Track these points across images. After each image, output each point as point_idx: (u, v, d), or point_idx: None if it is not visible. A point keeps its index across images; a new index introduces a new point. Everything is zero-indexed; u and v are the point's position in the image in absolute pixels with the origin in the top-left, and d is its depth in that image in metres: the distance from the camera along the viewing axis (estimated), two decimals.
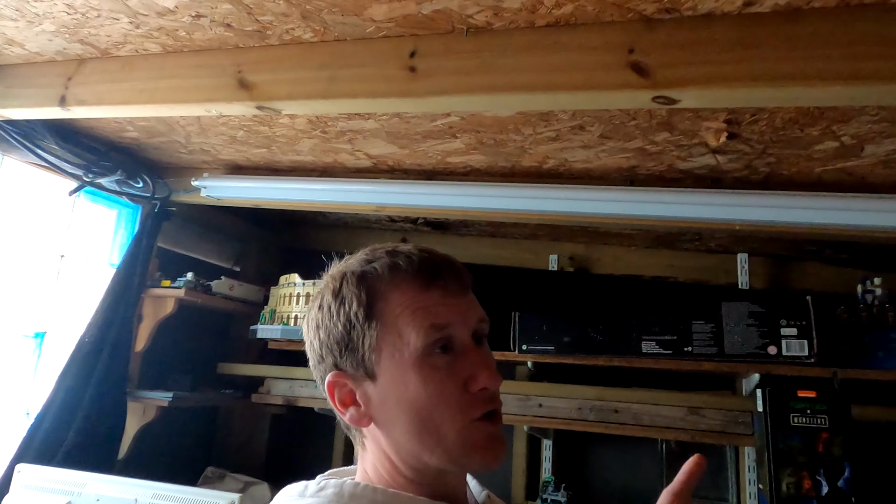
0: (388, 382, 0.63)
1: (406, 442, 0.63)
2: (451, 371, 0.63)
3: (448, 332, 0.64)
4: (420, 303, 0.63)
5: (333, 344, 0.65)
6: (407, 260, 0.65)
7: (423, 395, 0.62)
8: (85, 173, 1.89)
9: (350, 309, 0.64)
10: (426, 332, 0.62)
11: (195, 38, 1.29)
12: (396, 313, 0.63)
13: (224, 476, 2.23)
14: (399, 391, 0.63)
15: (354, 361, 0.64)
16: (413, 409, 0.62)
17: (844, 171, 1.47)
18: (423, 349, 0.62)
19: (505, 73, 1.07)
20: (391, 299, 0.64)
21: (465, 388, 0.62)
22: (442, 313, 0.64)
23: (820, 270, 2.16)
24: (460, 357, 0.64)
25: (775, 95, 0.95)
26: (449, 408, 0.62)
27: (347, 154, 1.84)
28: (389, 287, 0.64)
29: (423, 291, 0.64)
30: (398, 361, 0.63)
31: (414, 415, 0.62)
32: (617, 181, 1.74)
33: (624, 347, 1.76)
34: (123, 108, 1.42)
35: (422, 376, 0.62)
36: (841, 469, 1.38)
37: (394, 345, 0.63)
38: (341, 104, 1.22)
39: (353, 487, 0.63)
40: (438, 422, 0.61)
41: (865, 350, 1.72)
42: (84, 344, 1.94)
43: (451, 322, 0.64)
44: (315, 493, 0.64)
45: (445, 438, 0.62)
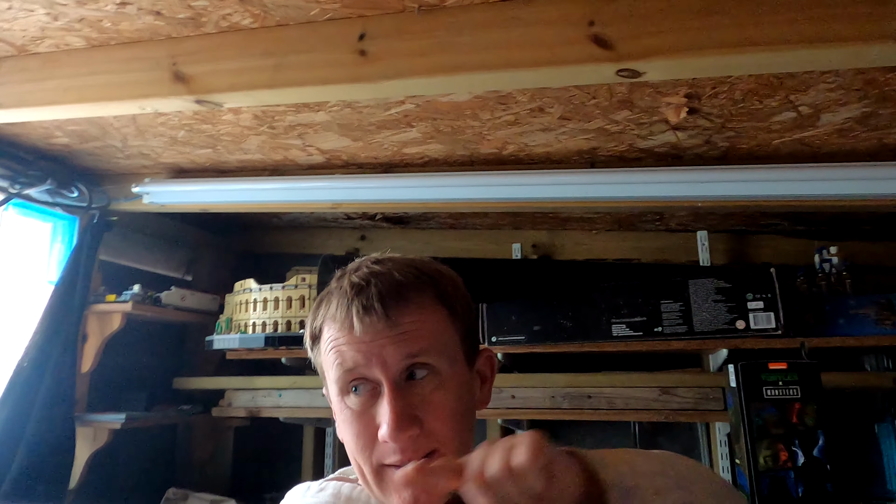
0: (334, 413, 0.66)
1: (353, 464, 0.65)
2: (364, 414, 0.60)
3: (359, 374, 0.60)
4: (334, 342, 0.62)
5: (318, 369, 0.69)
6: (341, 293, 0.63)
7: (342, 433, 0.63)
8: (11, 184, 1.75)
9: (307, 341, 0.68)
10: (337, 371, 0.62)
11: (122, 28, 1.19)
12: (325, 349, 0.64)
13: (187, 496, 2.12)
14: (337, 424, 0.65)
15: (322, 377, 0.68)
16: (344, 442, 0.63)
17: (801, 141, 1.48)
18: (338, 389, 0.62)
19: (462, 53, 1.02)
20: (324, 334, 0.65)
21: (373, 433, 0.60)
22: (348, 355, 0.61)
23: (778, 242, 2.20)
24: (379, 398, 0.60)
25: (742, 62, 0.93)
26: (362, 451, 0.60)
27: (298, 150, 1.75)
28: (324, 322, 0.65)
29: (342, 330, 0.62)
30: (331, 397, 0.65)
31: (346, 447, 0.63)
32: (577, 164, 1.71)
33: (595, 332, 1.73)
34: (49, 110, 1.30)
35: (340, 416, 0.63)
36: (815, 438, 1.39)
37: (325, 378, 0.66)
38: (289, 94, 1.14)
39: (350, 489, 0.66)
40: (358, 459, 0.61)
41: (827, 318, 1.75)
42: (23, 369, 1.80)
43: (359, 364, 0.60)
44: (315, 493, 0.67)
45: (365, 475, 0.62)
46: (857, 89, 1.19)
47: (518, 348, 1.84)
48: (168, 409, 2.16)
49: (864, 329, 1.70)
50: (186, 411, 2.19)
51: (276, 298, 2.03)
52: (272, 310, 2.02)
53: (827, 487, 1.36)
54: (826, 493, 1.35)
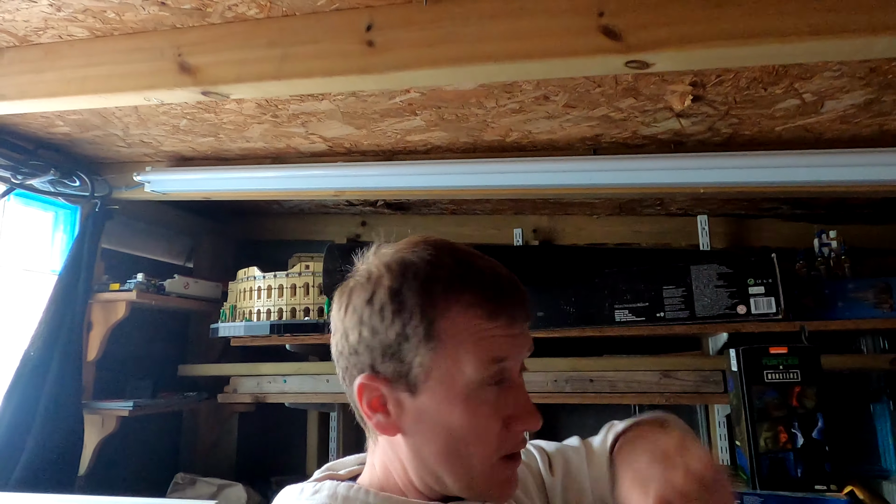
0: (430, 403, 0.59)
1: (433, 463, 0.61)
2: (496, 406, 0.60)
3: (504, 366, 0.60)
4: (484, 332, 0.59)
5: (377, 346, 0.60)
6: (478, 278, 0.60)
7: (464, 426, 0.59)
8: (13, 175, 1.74)
9: (409, 321, 0.59)
10: (485, 365, 0.59)
11: (126, 19, 1.18)
12: (459, 339, 0.59)
13: (195, 481, 2.15)
14: (441, 416, 0.59)
15: (397, 371, 0.60)
16: (451, 436, 0.59)
17: (804, 128, 1.49)
18: (477, 382, 0.59)
19: (470, 44, 1.01)
20: (455, 321, 0.59)
21: (504, 425, 0.60)
22: (503, 346, 0.60)
23: (777, 226, 2.21)
24: (506, 391, 0.60)
25: (750, 53, 0.93)
26: (485, 444, 0.59)
27: (301, 138, 1.75)
28: (455, 306, 0.59)
29: (490, 319, 0.59)
30: (448, 387, 0.59)
31: (450, 442, 0.59)
32: (581, 150, 1.71)
33: (598, 317, 1.75)
34: (52, 101, 1.29)
35: (468, 408, 0.59)
36: (814, 420, 1.42)
37: (447, 370, 0.59)
38: (296, 85, 1.14)
39: (346, 490, 0.62)
40: (470, 454, 0.59)
41: (826, 302, 1.77)
42: (30, 358, 1.81)
43: (509, 356, 0.60)
44: (310, 495, 0.62)
45: (473, 471, 0.60)
46: (861, 77, 1.20)
47: None
48: (174, 396, 2.18)
49: (862, 312, 1.73)
50: (192, 398, 2.21)
51: (281, 286, 2.04)
52: (277, 297, 2.03)
53: (825, 467, 1.39)
54: (824, 472, 1.39)
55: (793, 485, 1.39)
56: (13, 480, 1.68)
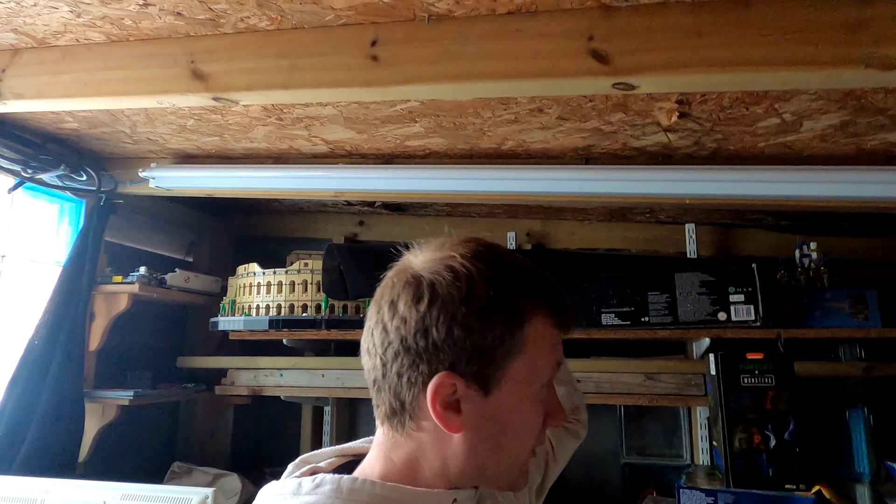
0: (502, 403, 0.62)
1: (484, 457, 0.63)
2: (545, 404, 0.66)
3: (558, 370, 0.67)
4: (554, 338, 0.65)
5: (469, 347, 0.60)
6: (548, 287, 0.65)
7: (526, 423, 0.64)
8: (23, 168, 1.79)
9: (508, 325, 0.61)
10: (552, 368, 0.65)
11: (143, 26, 1.24)
12: (539, 345, 0.63)
13: (191, 470, 2.21)
14: (511, 414, 0.62)
15: (479, 373, 0.61)
16: (513, 432, 0.63)
17: (785, 145, 1.56)
18: (541, 383, 0.64)
19: (468, 61, 1.08)
20: (537, 329, 0.62)
21: (543, 422, 0.66)
22: (561, 352, 0.67)
23: (761, 236, 2.29)
24: (548, 392, 0.67)
25: (728, 80, 1.00)
26: (532, 437, 0.65)
27: (304, 140, 1.81)
28: (537, 314, 0.63)
29: (557, 327, 0.65)
30: (523, 388, 0.62)
31: (510, 438, 0.63)
32: (573, 160, 1.78)
33: (585, 320, 1.82)
34: (68, 102, 1.35)
35: (533, 407, 0.64)
36: (786, 423, 1.49)
37: (526, 373, 0.62)
38: (303, 94, 1.20)
39: (351, 483, 0.61)
40: (521, 447, 0.65)
41: (804, 310, 1.85)
42: (34, 347, 1.87)
43: (563, 362, 0.67)
44: (311, 490, 0.61)
45: (515, 462, 0.65)
46: (837, 100, 1.27)
47: None
48: (173, 387, 2.24)
49: (838, 321, 1.81)
50: (191, 389, 2.27)
51: (280, 282, 2.10)
52: (276, 293, 2.09)
53: (795, 468, 1.47)
54: (794, 472, 1.46)
55: (765, 484, 1.46)
56: (16, 464, 1.74)
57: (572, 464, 2.50)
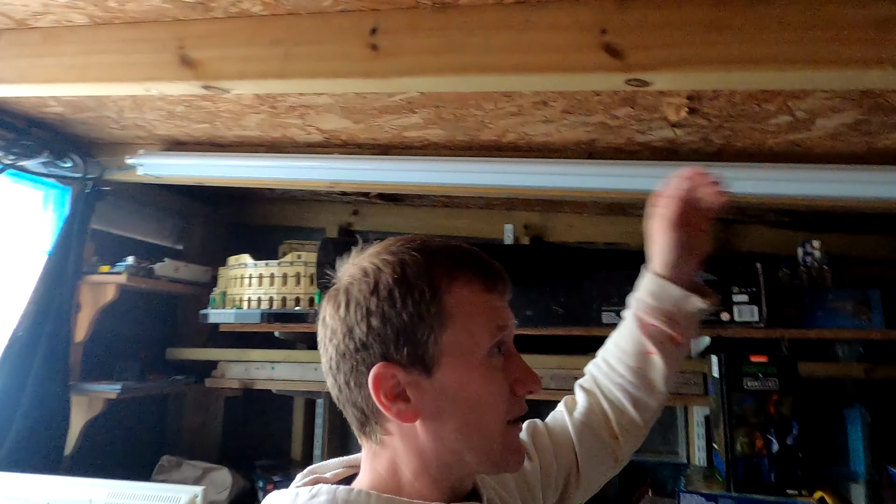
0: (448, 379, 0.62)
1: (454, 440, 0.62)
2: (504, 373, 0.64)
3: (505, 334, 0.64)
4: (487, 303, 0.64)
5: (390, 333, 0.61)
6: (469, 256, 0.65)
7: (483, 395, 0.62)
8: (5, 154, 1.72)
9: (421, 300, 0.61)
10: (494, 333, 0.63)
11: (128, 8, 1.17)
12: (467, 312, 0.62)
13: (181, 464, 2.17)
14: (460, 389, 0.62)
15: (412, 354, 0.61)
16: (470, 407, 0.62)
17: (794, 142, 1.52)
18: (488, 350, 0.63)
19: (474, 54, 1.02)
20: (459, 295, 0.62)
21: (510, 391, 0.64)
22: (504, 315, 0.65)
23: (762, 233, 2.26)
24: (508, 360, 0.65)
25: (746, 78, 0.96)
26: (498, 409, 0.63)
27: (298, 129, 1.75)
28: (456, 283, 0.63)
29: (487, 292, 0.64)
30: (465, 359, 0.62)
31: (469, 413, 0.62)
32: (575, 154, 1.73)
33: (585, 318, 1.79)
34: (51, 87, 1.28)
35: (484, 376, 0.62)
36: (790, 427, 1.47)
37: (461, 343, 0.62)
38: (299, 84, 1.14)
39: (346, 493, 0.62)
40: (488, 421, 0.63)
41: (806, 310, 1.82)
42: (18, 338, 1.81)
43: (508, 325, 0.65)
44: (307, 500, 0.61)
45: (490, 439, 0.63)
46: (854, 99, 1.23)
47: None
48: (161, 379, 2.19)
49: (841, 322, 1.78)
50: (180, 381, 2.22)
51: (272, 275, 2.05)
52: (268, 286, 2.04)
53: (797, 473, 1.45)
54: (796, 478, 1.44)
55: (766, 489, 1.44)
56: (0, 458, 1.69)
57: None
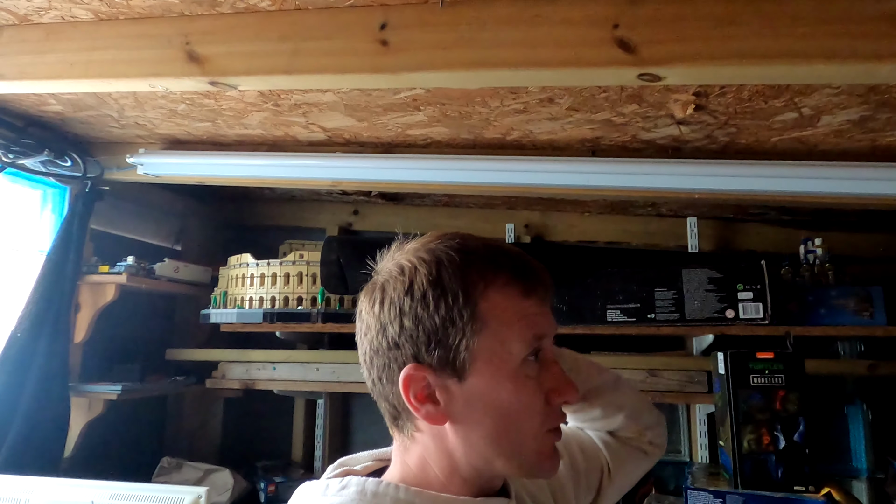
0: (478, 386, 0.61)
1: (483, 446, 0.62)
2: (539, 381, 0.62)
3: (542, 343, 0.63)
4: (524, 310, 0.62)
5: (421, 335, 0.60)
6: (508, 260, 0.63)
7: (514, 404, 0.61)
8: (4, 153, 1.70)
9: (454, 305, 0.60)
10: (529, 342, 0.62)
11: (133, 4, 1.16)
12: (501, 319, 0.61)
13: (181, 465, 2.15)
14: (491, 396, 0.61)
15: (443, 358, 0.61)
16: (500, 415, 0.61)
17: (798, 139, 1.52)
18: (522, 359, 0.61)
19: (485, 48, 1.02)
20: (495, 302, 0.61)
21: (546, 400, 0.62)
22: (541, 323, 0.63)
23: (764, 231, 2.26)
24: (544, 368, 0.63)
25: (759, 73, 0.95)
26: (532, 417, 0.62)
27: (300, 127, 1.74)
28: (492, 287, 0.61)
29: (525, 298, 0.62)
30: (497, 367, 0.61)
31: (500, 421, 0.61)
32: (579, 151, 1.73)
33: (590, 316, 1.78)
34: (53, 83, 1.27)
35: (517, 385, 0.61)
36: (796, 424, 1.47)
37: (493, 350, 0.61)
38: (307, 80, 1.13)
39: (375, 486, 0.62)
40: (521, 430, 0.61)
41: (809, 308, 1.82)
42: (16, 339, 1.79)
43: (546, 333, 0.63)
44: (337, 492, 0.62)
45: (523, 447, 0.62)
46: (860, 95, 1.23)
47: None
48: (162, 380, 2.17)
49: (843, 319, 1.78)
50: (180, 382, 2.21)
51: (274, 274, 2.03)
52: (269, 285, 2.02)
53: (804, 470, 1.45)
54: (804, 474, 1.44)
55: (773, 485, 1.44)
56: None
57: None
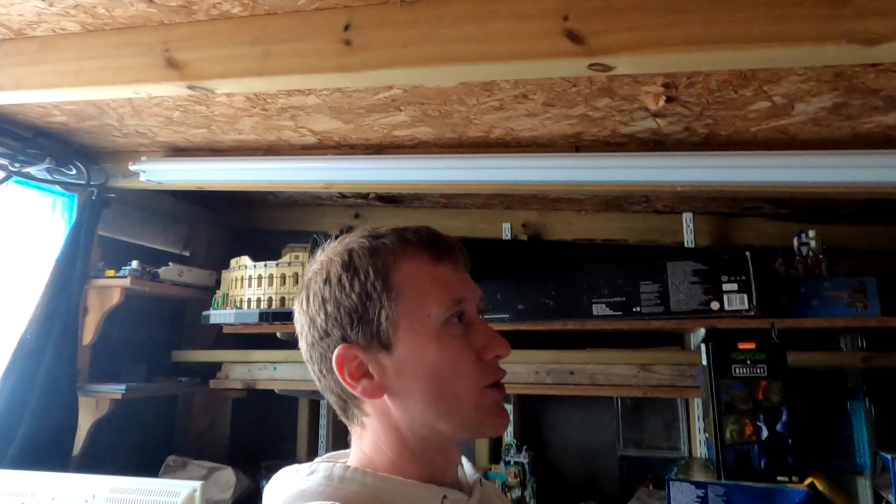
0: (405, 352, 0.64)
1: (421, 411, 0.64)
2: (466, 341, 0.65)
3: (464, 305, 0.66)
4: (437, 275, 0.66)
5: (344, 316, 0.65)
6: (415, 234, 0.68)
7: (442, 364, 0.63)
8: (10, 162, 1.79)
9: (366, 280, 0.64)
10: (447, 304, 0.65)
11: (116, 14, 1.22)
12: (415, 285, 0.65)
13: (187, 464, 2.21)
14: (418, 361, 0.64)
15: (368, 333, 0.64)
16: (431, 377, 0.63)
17: (777, 129, 1.52)
18: (444, 320, 0.64)
19: (443, 44, 1.05)
20: (407, 271, 0.65)
21: (477, 358, 0.65)
22: (457, 287, 0.66)
23: (761, 225, 2.25)
24: (471, 328, 0.66)
25: (707, 59, 0.97)
26: (465, 376, 0.64)
27: (291, 131, 1.79)
28: (403, 259, 0.66)
29: (437, 264, 0.66)
30: (418, 332, 0.64)
31: (432, 383, 0.63)
32: (563, 148, 1.75)
33: (576, 311, 1.80)
34: (45, 93, 1.34)
35: (441, 346, 0.64)
36: (779, 414, 1.46)
37: (413, 315, 0.64)
38: (277, 81, 1.18)
39: (342, 471, 0.64)
40: (455, 389, 0.64)
41: (801, 300, 1.81)
42: (26, 341, 1.87)
43: (465, 296, 0.66)
44: (306, 476, 0.65)
45: (461, 405, 0.64)
46: (827, 81, 1.23)
47: (503, 326, 1.90)
48: (167, 381, 2.24)
49: (836, 311, 1.76)
50: (185, 383, 2.27)
51: (271, 275, 2.09)
52: (266, 286, 2.08)
53: (788, 460, 1.44)
54: (787, 465, 1.43)
55: (756, 476, 1.43)
56: (8, 459, 1.74)
57: (569, 457, 2.47)
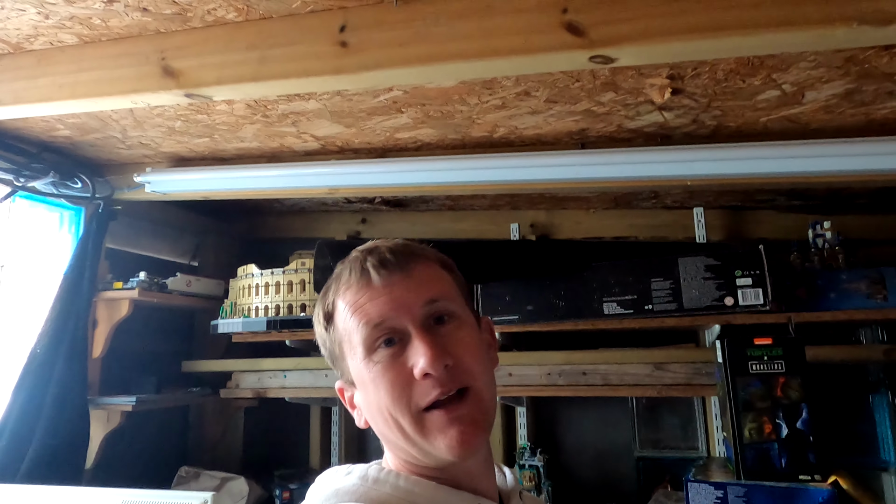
0: (359, 387, 0.66)
1: (387, 443, 0.67)
2: (395, 363, 0.62)
3: (388, 326, 0.62)
4: (358, 303, 0.64)
5: (328, 357, 0.70)
6: (352, 262, 0.67)
7: (377, 393, 0.63)
8: (16, 177, 1.79)
9: (319, 325, 0.69)
10: (363, 330, 0.63)
11: (112, 25, 1.21)
12: (344, 318, 0.65)
13: (199, 474, 2.20)
14: (365, 393, 0.65)
15: (340, 371, 0.69)
16: (376, 408, 0.64)
17: (788, 118, 1.48)
18: (364, 350, 0.63)
19: (440, 43, 1.03)
20: (339, 307, 0.66)
21: (413, 378, 0.61)
22: (375, 310, 0.63)
23: (774, 218, 2.20)
24: (407, 347, 0.62)
25: (713, 46, 0.94)
26: (398, 400, 0.61)
27: (293, 137, 1.78)
28: (337, 296, 0.67)
29: (361, 290, 0.65)
30: (356, 365, 0.65)
31: (378, 414, 0.63)
32: (568, 145, 1.73)
33: (586, 310, 1.76)
34: (44, 106, 1.34)
35: (371, 375, 0.63)
36: (799, 411, 1.42)
37: (351, 350, 0.65)
38: (273, 86, 1.17)
39: (377, 472, 0.65)
40: (395, 416, 0.62)
41: (819, 293, 1.76)
42: (36, 355, 1.87)
43: (386, 316, 0.62)
44: (344, 475, 0.67)
45: (406, 431, 0.62)
46: (838, 67, 1.19)
47: (512, 327, 1.88)
48: (177, 392, 2.23)
49: (855, 303, 1.72)
50: (195, 393, 2.26)
51: (278, 283, 2.08)
52: (273, 294, 2.07)
53: (809, 458, 1.39)
54: (808, 463, 1.39)
55: (777, 475, 1.39)
56: (21, 473, 1.74)
57: (584, 459, 2.43)
